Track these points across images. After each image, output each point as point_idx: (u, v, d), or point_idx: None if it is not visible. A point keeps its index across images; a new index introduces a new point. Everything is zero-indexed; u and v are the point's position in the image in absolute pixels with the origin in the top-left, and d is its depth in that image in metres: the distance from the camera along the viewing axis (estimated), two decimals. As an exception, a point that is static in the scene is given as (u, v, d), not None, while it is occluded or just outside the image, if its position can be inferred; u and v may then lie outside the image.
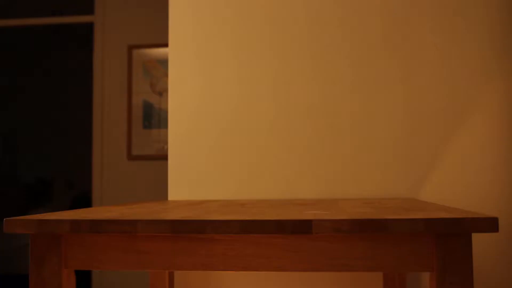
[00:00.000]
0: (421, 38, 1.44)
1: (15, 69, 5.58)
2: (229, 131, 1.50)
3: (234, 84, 1.52)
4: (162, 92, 3.53)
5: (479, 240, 1.39)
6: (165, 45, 3.32)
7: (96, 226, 0.79)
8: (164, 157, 3.38)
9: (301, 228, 0.75)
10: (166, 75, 3.46)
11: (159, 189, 3.22)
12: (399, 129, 1.44)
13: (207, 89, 1.53)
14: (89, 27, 3.77)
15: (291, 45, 1.50)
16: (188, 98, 1.54)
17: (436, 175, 1.40)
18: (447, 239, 0.73)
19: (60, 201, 5.29)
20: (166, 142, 3.49)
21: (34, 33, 5.31)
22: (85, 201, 4.89)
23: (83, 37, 4.54)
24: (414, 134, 1.43)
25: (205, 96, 1.53)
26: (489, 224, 0.69)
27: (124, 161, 3.55)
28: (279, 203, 1.15)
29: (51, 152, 5.54)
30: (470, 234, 0.72)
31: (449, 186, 1.40)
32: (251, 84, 1.51)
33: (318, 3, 1.49)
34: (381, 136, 1.44)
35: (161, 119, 3.53)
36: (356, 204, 1.09)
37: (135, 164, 3.54)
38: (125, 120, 3.55)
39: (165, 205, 1.18)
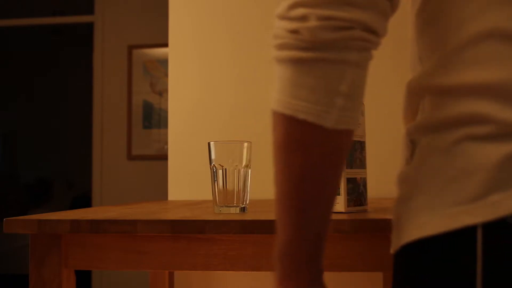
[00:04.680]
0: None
1: (15, 69, 5.58)
2: (228, 131, 1.50)
3: (234, 84, 1.52)
4: (162, 92, 3.53)
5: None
6: (165, 45, 3.31)
7: (96, 226, 0.79)
8: (164, 157, 3.37)
9: (301, 228, 0.74)
10: (166, 75, 3.46)
11: (159, 189, 3.22)
12: (400, 128, 1.44)
13: (207, 89, 1.53)
14: (89, 27, 3.77)
15: (291, 45, 1.50)
16: (188, 98, 1.53)
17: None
18: (447, 239, 0.73)
19: (60, 201, 5.28)
20: (166, 142, 3.49)
21: (34, 33, 5.30)
22: (85, 201, 4.89)
23: (83, 37, 4.54)
24: (414, 134, 1.43)
25: (205, 96, 1.53)
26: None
27: (124, 161, 3.55)
28: (279, 203, 1.14)
29: (51, 152, 5.54)
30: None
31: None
32: (251, 84, 1.51)
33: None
34: (381, 135, 1.44)
35: (161, 119, 3.53)
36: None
37: (135, 164, 3.54)
38: (125, 120, 3.55)
39: (165, 205, 1.18)
